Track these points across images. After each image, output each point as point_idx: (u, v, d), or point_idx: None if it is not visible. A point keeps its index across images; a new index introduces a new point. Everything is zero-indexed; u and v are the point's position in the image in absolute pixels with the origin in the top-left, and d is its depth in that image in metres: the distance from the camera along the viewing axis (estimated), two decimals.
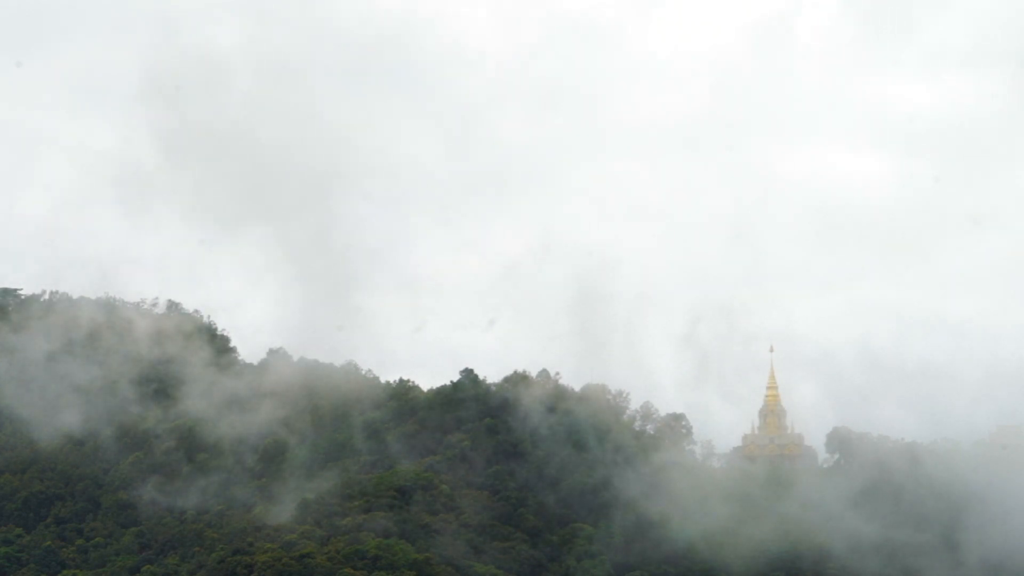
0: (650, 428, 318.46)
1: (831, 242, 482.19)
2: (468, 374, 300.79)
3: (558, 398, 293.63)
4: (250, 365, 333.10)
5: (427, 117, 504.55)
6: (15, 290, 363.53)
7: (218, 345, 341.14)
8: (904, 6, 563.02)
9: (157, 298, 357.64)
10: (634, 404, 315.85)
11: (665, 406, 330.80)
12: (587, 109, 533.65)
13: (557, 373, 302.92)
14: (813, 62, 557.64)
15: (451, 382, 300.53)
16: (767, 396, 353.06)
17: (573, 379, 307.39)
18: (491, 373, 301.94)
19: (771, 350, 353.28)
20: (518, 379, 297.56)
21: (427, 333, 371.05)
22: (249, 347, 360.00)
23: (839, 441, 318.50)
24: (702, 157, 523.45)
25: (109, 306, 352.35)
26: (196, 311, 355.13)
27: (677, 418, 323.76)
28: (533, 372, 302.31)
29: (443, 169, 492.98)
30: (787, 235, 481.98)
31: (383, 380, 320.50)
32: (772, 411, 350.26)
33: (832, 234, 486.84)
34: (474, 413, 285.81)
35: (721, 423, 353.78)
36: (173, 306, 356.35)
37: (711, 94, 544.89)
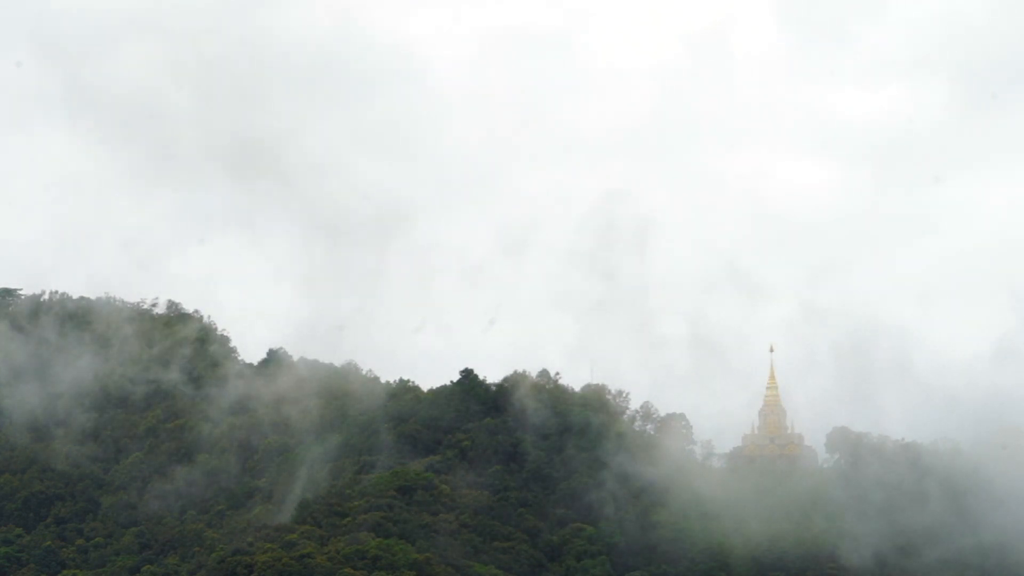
0: (650, 428, 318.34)
1: (776, 248, 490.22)
2: (468, 374, 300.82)
3: (558, 398, 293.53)
4: (250, 365, 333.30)
5: (370, 126, 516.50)
6: (15, 290, 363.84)
7: (218, 345, 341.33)
8: (839, 17, 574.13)
9: (157, 298, 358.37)
10: (634, 404, 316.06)
11: (665, 406, 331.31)
12: (531, 118, 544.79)
13: (557, 373, 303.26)
14: (752, 72, 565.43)
15: (451, 382, 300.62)
16: (767, 396, 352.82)
17: (573, 379, 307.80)
18: (491, 373, 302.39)
19: (771, 350, 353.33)
20: (518, 379, 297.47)
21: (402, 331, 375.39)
22: (249, 347, 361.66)
23: (839, 441, 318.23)
24: (646, 164, 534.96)
25: (109, 306, 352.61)
26: (196, 311, 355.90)
27: (677, 418, 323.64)
28: (533, 372, 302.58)
29: (387, 179, 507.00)
30: (733, 240, 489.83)
31: (383, 380, 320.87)
32: (772, 411, 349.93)
33: (777, 240, 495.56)
34: (474, 413, 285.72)
35: (721, 423, 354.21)
36: (173, 306, 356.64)
37: (652, 103, 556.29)
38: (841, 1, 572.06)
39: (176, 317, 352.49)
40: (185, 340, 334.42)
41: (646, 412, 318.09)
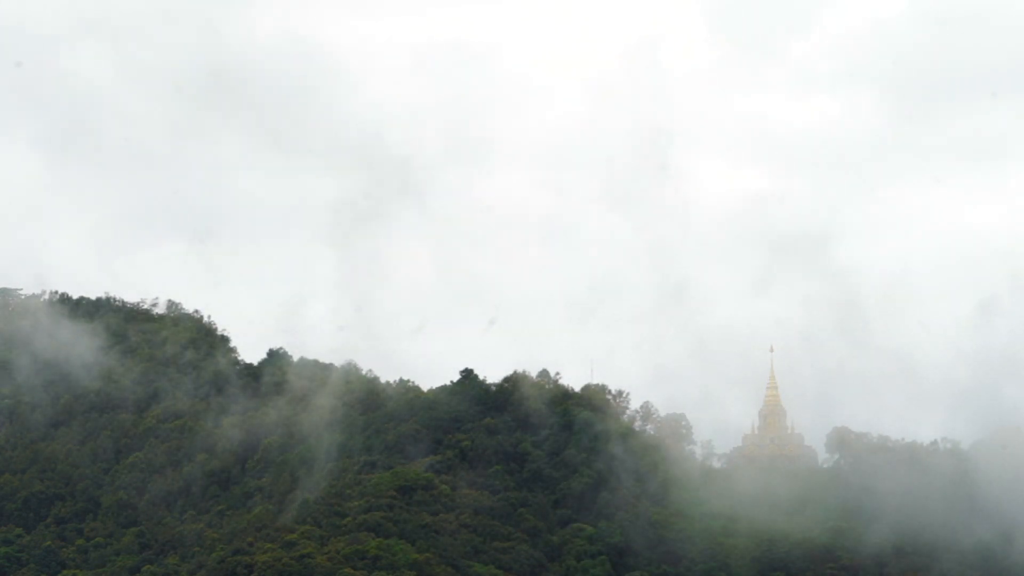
0: (650, 428, 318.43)
1: (718, 256, 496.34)
2: (468, 374, 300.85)
3: (558, 398, 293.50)
4: (250, 365, 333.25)
5: (305, 137, 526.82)
6: (15, 290, 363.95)
7: (218, 345, 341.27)
8: (768, 30, 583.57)
9: (157, 298, 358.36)
10: (634, 404, 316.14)
11: (665, 406, 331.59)
12: (468, 128, 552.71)
13: (557, 373, 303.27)
14: (684, 84, 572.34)
15: (451, 382, 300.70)
16: (767, 396, 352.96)
17: (573, 379, 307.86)
18: (491, 373, 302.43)
19: (771, 350, 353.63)
20: (518, 379, 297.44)
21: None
22: (249, 347, 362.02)
23: (839, 441, 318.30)
24: (583, 174, 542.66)
25: (109, 306, 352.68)
26: (196, 311, 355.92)
27: (677, 418, 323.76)
28: (533, 372, 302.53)
29: (325, 189, 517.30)
30: (676, 250, 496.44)
31: (383, 380, 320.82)
32: (772, 411, 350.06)
33: (718, 248, 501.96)
34: (474, 413, 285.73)
35: (721, 423, 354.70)
36: (173, 306, 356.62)
37: (585, 115, 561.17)
38: (769, 14, 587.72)
39: (176, 317, 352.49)
40: (185, 340, 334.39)
41: (646, 412, 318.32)
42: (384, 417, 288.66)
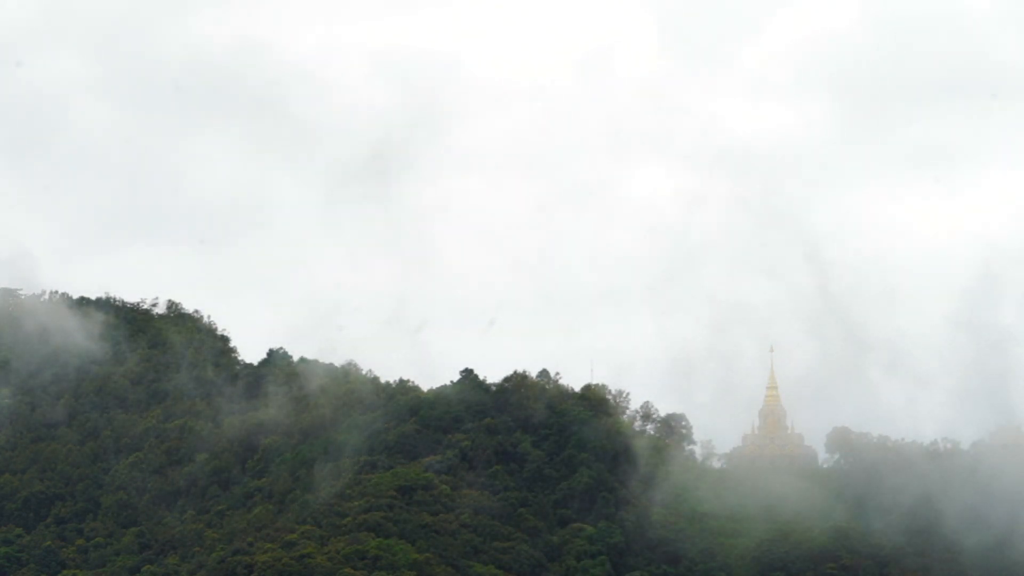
0: (650, 428, 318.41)
1: (675, 263, 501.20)
2: (468, 374, 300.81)
3: (558, 398, 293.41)
4: (250, 365, 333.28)
5: (267, 142, 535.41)
6: (15, 290, 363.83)
7: (218, 345, 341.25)
8: (719, 39, 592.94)
9: (157, 298, 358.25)
10: (634, 404, 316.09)
11: (665, 406, 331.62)
12: (428, 133, 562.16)
13: (557, 373, 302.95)
14: (636, 91, 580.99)
15: (451, 382, 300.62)
16: (767, 396, 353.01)
17: (573, 379, 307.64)
18: (491, 373, 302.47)
19: (771, 350, 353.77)
20: (518, 379, 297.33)
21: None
22: (249, 347, 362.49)
23: (839, 441, 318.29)
24: (542, 179, 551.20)
25: (109, 305, 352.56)
26: (196, 311, 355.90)
27: (677, 418, 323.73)
28: (533, 372, 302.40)
29: (292, 193, 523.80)
30: (633, 255, 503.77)
31: (383, 380, 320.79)
32: (772, 411, 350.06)
33: (675, 254, 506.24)
34: (474, 413, 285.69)
35: (721, 423, 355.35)
36: (173, 306, 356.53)
37: (544, 120, 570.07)
38: (721, 23, 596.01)
39: (176, 317, 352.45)
40: (185, 340, 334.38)
41: (646, 412, 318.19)
42: (384, 417, 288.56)
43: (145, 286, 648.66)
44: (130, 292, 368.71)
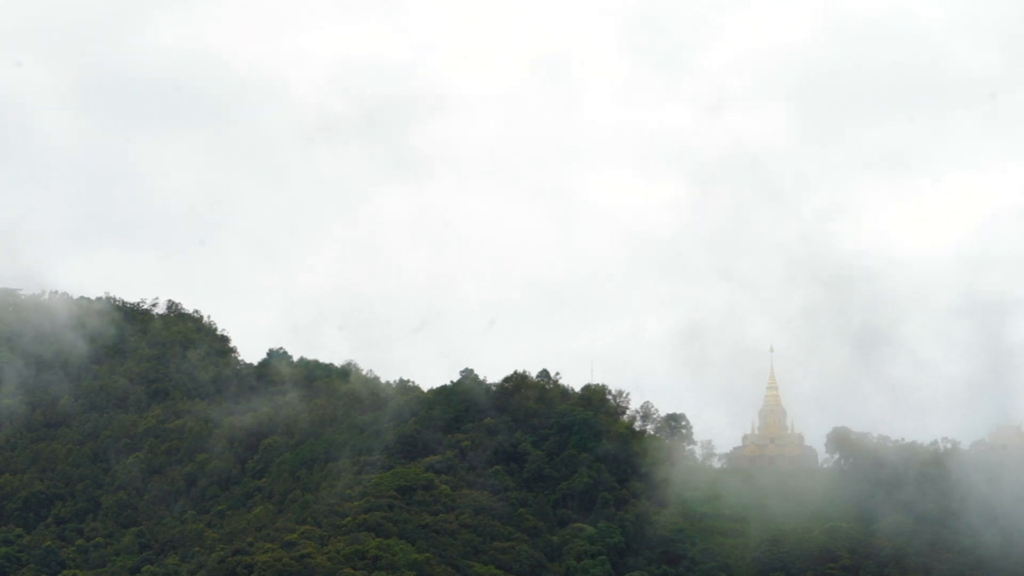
0: (650, 428, 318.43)
1: (637, 266, 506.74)
2: (468, 374, 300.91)
3: (558, 398, 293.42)
4: (250, 365, 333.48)
5: (231, 147, 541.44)
6: (16, 290, 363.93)
7: (218, 345, 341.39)
8: (677, 47, 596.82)
9: (157, 298, 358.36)
10: (634, 404, 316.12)
11: (665, 406, 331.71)
12: (385, 142, 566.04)
13: (557, 373, 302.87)
14: (595, 96, 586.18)
15: (451, 382, 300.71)
16: (767, 396, 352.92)
17: (573, 379, 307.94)
18: (491, 373, 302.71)
19: (771, 350, 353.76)
20: (518, 379, 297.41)
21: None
22: (249, 347, 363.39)
23: (839, 441, 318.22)
24: (504, 183, 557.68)
25: (109, 305, 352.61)
26: (196, 311, 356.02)
27: (677, 418, 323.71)
28: (533, 372, 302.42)
29: (258, 200, 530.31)
30: (596, 258, 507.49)
31: (383, 380, 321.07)
32: (772, 411, 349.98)
33: (635, 258, 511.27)
34: (474, 413, 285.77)
35: (721, 423, 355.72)
36: (173, 306, 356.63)
37: (501, 126, 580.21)
38: (679, 31, 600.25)
39: (176, 317, 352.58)
40: (185, 340, 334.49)
41: (646, 412, 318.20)
42: (384, 417, 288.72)
43: (130, 286, 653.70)
44: (130, 292, 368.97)
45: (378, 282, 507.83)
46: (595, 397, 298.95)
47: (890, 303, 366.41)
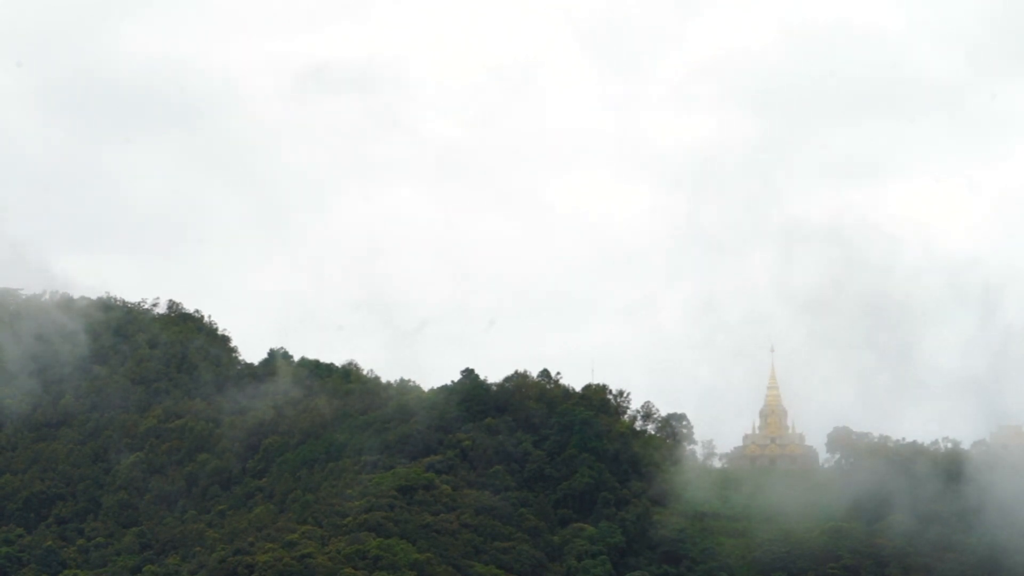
0: (651, 428, 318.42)
1: (604, 269, 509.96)
2: (469, 374, 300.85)
3: (559, 398, 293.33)
4: (250, 365, 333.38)
5: (198, 152, 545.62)
6: (16, 290, 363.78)
7: (218, 345, 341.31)
8: (639, 52, 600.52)
9: (158, 298, 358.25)
10: (635, 404, 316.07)
11: (666, 406, 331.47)
12: (356, 143, 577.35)
13: (558, 373, 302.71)
14: (560, 101, 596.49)
15: (452, 382, 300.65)
16: (768, 396, 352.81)
17: (574, 379, 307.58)
18: (491, 373, 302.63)
19: (772, 350, 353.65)
20: (519, 379, 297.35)
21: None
22: (249, 347, 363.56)
23: (840, 441, 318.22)
24: (470, 186, 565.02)
25: (109, 306, 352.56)
26: (197, 311, 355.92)
27: (678, 418, 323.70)
28: (534, 372, 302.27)
29: (225, 204, 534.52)
30: (562, 261, 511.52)
31: (384, 380, 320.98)
32: (773, 411, 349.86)
33: (601, 261, 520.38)
34: (475, 413, 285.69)
35: (722, 423, 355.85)
36: (174, 306, 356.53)
37: (468, 130, 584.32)
38: (641, 36, 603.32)
39: (176, 317, 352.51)
40: (185, 340, 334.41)
41: (647, 412, 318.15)
42: (385, 417, 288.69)
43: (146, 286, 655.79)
44: (131, 292, 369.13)
45: (378, 282, 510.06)
46: (596, 397, 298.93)
47: (882, 304, 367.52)
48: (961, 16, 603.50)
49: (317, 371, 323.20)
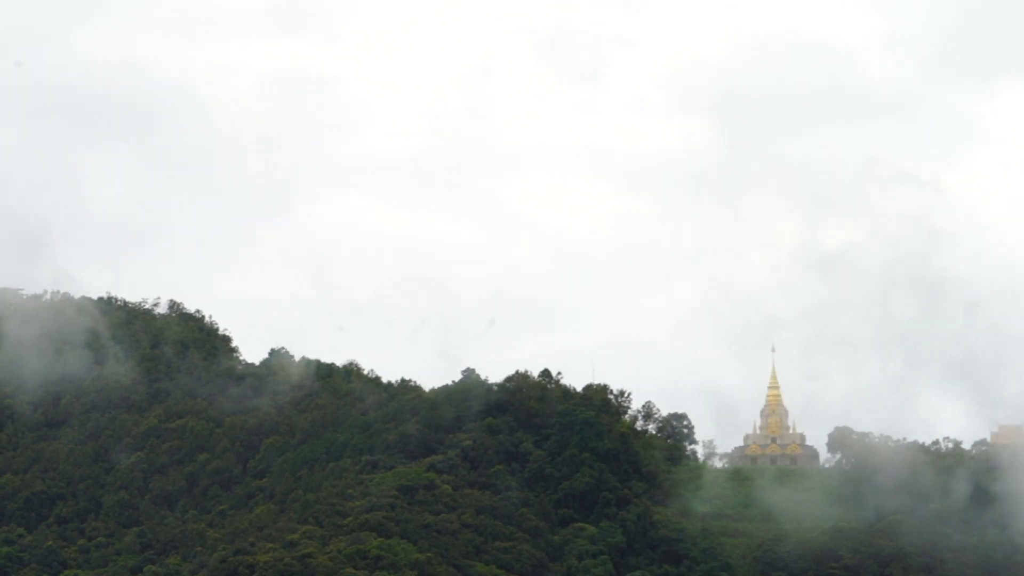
0: (652, 428, 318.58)
1: (565, 274, 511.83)
2: (469, 374, 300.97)
3: (559, 398, 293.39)
4: (251, 365, 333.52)
5: (159, 158, 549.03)
6: (17, 290, 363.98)
7: (219, 345, 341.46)
8: (595, 61, 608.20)
9: (159, 298, 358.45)
10: (635, 404, 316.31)
11: (666, 406, 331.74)
12: (313, 153, 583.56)
13: (559, 373, 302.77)
14: (516, 108, 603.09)
15: (452, 382, 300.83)
16: (768, 396, 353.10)
17: (574, 379, 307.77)
18: (492, 373, 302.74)
19: (772, 350, 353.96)
20: (519, 379, 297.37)
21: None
22: (250, 347, 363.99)
23: (840, 441, 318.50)
24: (431, 192, 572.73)
25: (110, 306, 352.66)
26: (198, 311, 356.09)
27: (679, 418, 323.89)
28: (534, 372, 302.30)
29: (187, 210, 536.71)
30: (526, 267, 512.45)
31: (384, 380, 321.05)
32: (773, 411, 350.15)
33: (564, 266, 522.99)
34: (476, 413, 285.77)
35: (722, 423, 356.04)
36: (174, 306, 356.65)
37: (428, 137, 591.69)
38: (596, 46, 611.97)
39: (177, 317, 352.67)
40: (186, 340, 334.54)
41: (648, 412, 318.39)
42: (385, 417, 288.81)
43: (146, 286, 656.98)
44: (131, 292, 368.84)
45: (377, 282, 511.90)
46: (596, 397, 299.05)
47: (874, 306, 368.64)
48: (910, 26, 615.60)
49: (318, 371, 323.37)
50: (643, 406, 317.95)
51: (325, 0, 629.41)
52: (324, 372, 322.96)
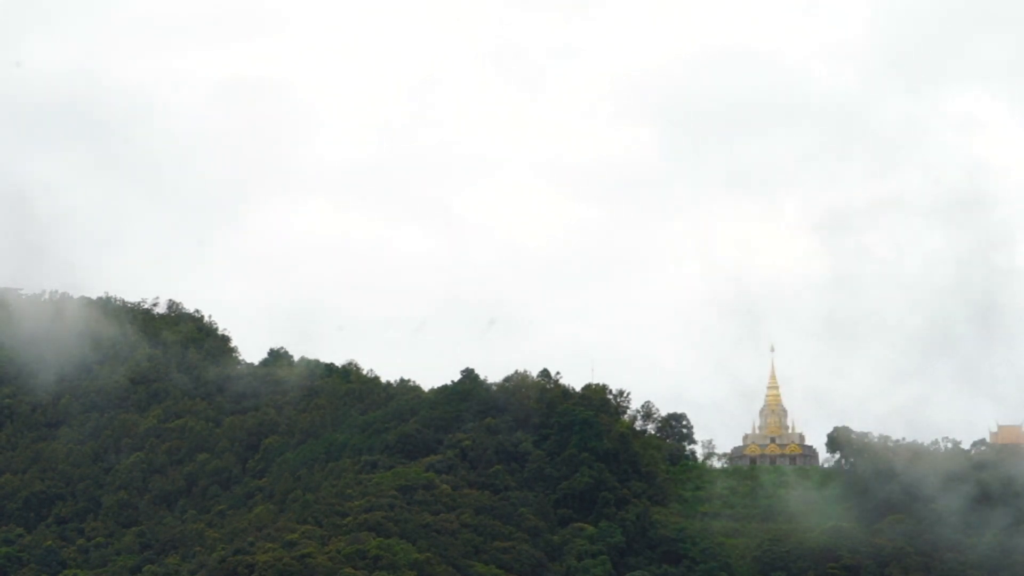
0: (651, 428, 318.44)
1: (519, 279, 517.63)
2: (469, 374, 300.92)
3: (559, 398, 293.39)
4: (251, 365, 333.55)
5: (112, 164, 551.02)
6: (16, 290, 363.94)
7: (219, 345, 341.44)
8: (539, 71, 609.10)
9: (158, 298, 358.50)
10: (635, 404, 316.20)
11: (666, 406, 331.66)
12: (265, 159, 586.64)
13: (558, 373, 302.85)
14: (464, 117, 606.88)
15: (452, 382, 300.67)
16: (768, 396, 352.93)
17: (574, 379, 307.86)
18: (492, 373, 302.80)
19: (772, 350, 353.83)
20: (519, 379, 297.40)
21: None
22: (250, 347, 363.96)
23: (839, 441, 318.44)
24: (386, 199, 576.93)
25: (110, 306, 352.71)
26: (197, 311, 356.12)
27: (678, 417, 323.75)
28: (534, 372, 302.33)
29: (147, 214, 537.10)
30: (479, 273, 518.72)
31: (383, 380, 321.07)
32: (773, 411, 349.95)
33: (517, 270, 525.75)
34: (475, 413, 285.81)
35: (722, 423, 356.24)
36: (174, 306, 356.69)
37: (379, 144, 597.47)
38: (541, 56, 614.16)
39: (177, 317, 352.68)
40: (186, 340, 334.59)
41: (647, 412, 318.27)
42: (385, 417, 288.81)
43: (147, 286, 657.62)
44: (131, 292, 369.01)
45: (378, 283, 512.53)
46: (596, 396, 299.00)
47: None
48: (852, 38, 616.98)
49: (317, 371, 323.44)
50: (642, 406, 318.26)
51: (280, 9, 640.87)
52: (323, 372, 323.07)
